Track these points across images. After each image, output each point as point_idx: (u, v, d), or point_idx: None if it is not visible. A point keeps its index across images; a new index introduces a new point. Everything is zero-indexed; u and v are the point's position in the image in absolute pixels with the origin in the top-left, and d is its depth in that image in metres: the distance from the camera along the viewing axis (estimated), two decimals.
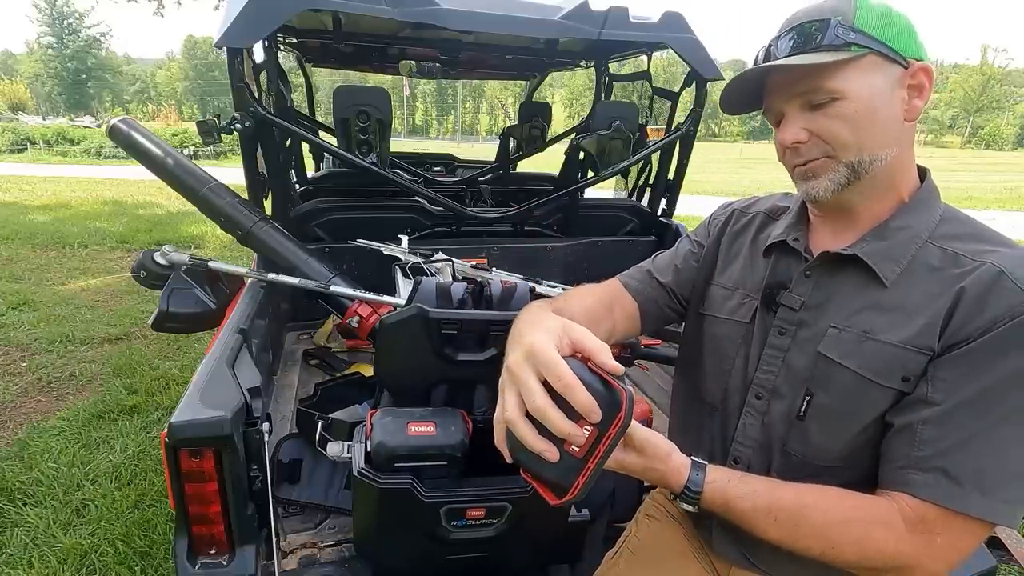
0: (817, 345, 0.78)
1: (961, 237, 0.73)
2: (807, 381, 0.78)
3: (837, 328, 0.77)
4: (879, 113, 0.72)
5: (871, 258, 0.75)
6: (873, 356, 0.73)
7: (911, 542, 0.66)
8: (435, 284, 1.24)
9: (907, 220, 0.76)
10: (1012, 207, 12.25)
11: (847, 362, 0.75)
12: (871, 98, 0.71)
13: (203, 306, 1.69)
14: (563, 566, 1.27)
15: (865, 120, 0.72)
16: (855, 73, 0.71)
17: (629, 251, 2.67)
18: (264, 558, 1.16)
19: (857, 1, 0.71)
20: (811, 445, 0.78)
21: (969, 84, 62.48)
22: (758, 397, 0.84)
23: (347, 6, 1.78)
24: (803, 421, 0.78)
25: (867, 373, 0.73)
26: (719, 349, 0.91)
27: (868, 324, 0.74)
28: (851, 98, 0.71)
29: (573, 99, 64.46)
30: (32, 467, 2.42)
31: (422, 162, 4.14)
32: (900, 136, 0.73)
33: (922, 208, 0.76)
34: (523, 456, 0.69)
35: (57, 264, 5.65)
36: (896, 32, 0.71)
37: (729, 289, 0.92)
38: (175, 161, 1.80)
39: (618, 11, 2.05)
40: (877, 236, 0.76)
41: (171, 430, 1.00)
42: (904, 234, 0.75)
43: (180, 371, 3.35)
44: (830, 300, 0.79)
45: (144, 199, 9.90)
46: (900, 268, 0.74)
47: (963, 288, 0.68)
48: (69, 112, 49.94)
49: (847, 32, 0.70)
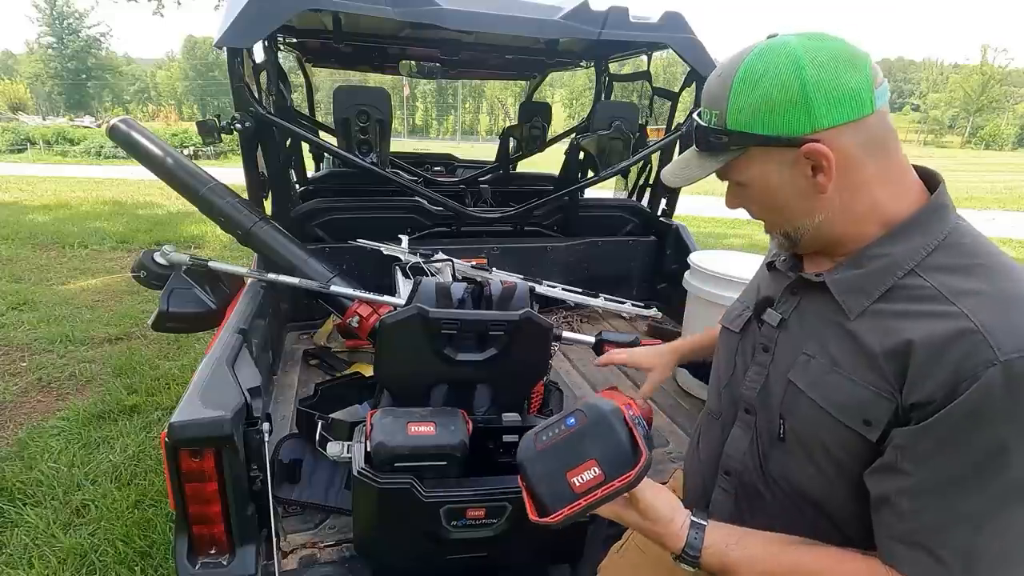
0: (788, 371, 0.76)
1: (951, 269, 0.65)
2: (779, 405, 0.77)
3: (808, 355, 0.74)
4: (780, 194, 0.71)
5: (837, 288, 0.72)
6: (835, 390, 0.69)
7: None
8: (435, 284, 1.24)
9: (891, 247, 0.69)
10: (1012, 207, 12.25)
11: (812, 393, 0.72)
12: (766, 185, 0.72)
13: (203, 306, 1.69)
14: (563, 566, 1.27)
15: (768, 202, 0.74)
16: (744, 165, 0.72)
17: (629, 251, 2.67)
18: (264, 558, 1.16)
19: (731, 92, 0.68)
20: (791, 470, 0.76)
21: (969, 84, 62.43)
22: (747, 412, 0.83)
23: (347, 6, 1.78)
24: (784, 443, 0.76)
25: (829, 408, 0.70)
26: (720, 358, 0.93)
27: (835, 355, 0.71)
28: (749, 185, 0.73)
29: (573, 99, 64.44)
30: (32, 467, 2.42)
31: (422, 162, 4.14)
32: (823, 205, 0.70)
33: (915, 232, 0.68)
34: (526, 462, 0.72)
35: (57, 264, 5.65)
36: (778, 115, 0.66)
37: (740, 301, 0.95)
38: (175, 161, 1.80)
39: (618, 11, 2.05)
40: (853, 264, 0.72)
41: (171, 430, 1.00)
42: (881, 263, 0.69)
43: (180, 371, 3.35)
44: (805, 323, 0.77)
45: (144, 199, 9.90)
46: (869, 301, 0.69)
47: (921, 335, 0.61)
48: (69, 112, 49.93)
49: (719, 137, 0.70)
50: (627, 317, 2.56)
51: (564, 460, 0.69)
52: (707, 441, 0.92)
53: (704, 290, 1.94)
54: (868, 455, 0.67)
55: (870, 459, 0.67)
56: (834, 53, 0.65)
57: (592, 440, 0.70)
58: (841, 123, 0.65)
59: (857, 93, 0.64)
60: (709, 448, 0.91)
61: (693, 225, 3.48)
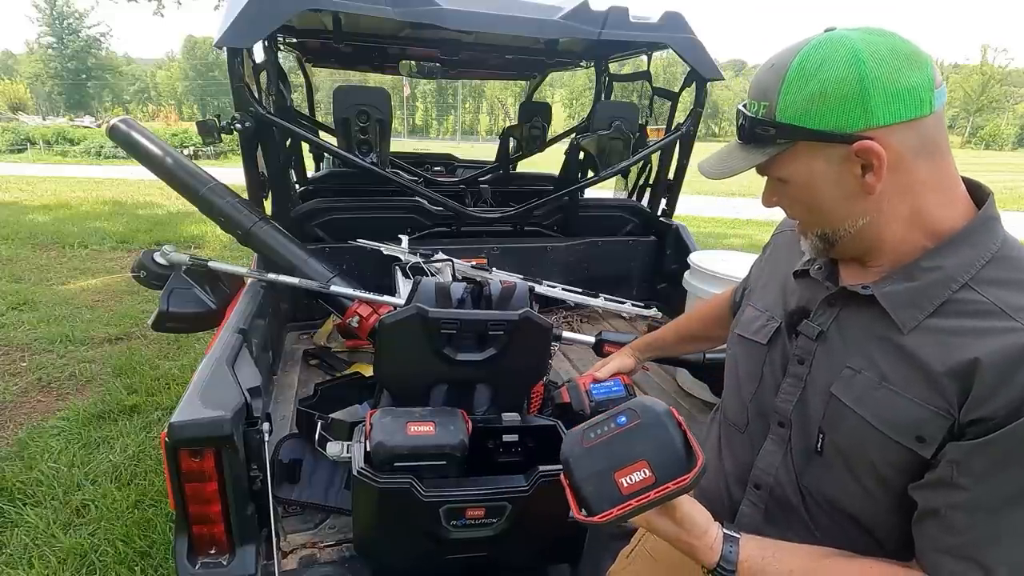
0: (831, 385, 0.73)
1: (1008, 283, 0.63)
2: (819, 420, 0.74)
3: (853, 370, 0.71)
4: (825, 193, 0.68)
5: (889, 302, 0.69)
6: (886, 406, 0.67)
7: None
8: (435, 284, 1.24)
9: (942, 260, 0.67)
10: (1012, 207, 12.25)
11: (860, 409, 0.69)
12: (811, 183, 0.69)
13: (203, 306, 1.69)
14: (563, 566, 1.27)
15: (810, 201, 0.70)
16: (789, 161, 0.69)
17: (629, 251, 2.67)
18: (264, 558, 1.16)
19: (784, 83, 0.65)
20: (829, 484, 0.74)
21: (969, 84, 62.45)
22: (780, 425, 0.81)
23: (347, 6, 1.78)
24: (821, 456, 0.74)
25: (879, 424, 0.67)
26: (741, 370, 0.89)
27: (886, 371, 0.68)
28: (792, 183, 0.70)
29: (573, 99, 64.43)
30: (32, 467, 2.42)
31: (422, 162, 4.14)
32: (868, 207, 0.67)
33: (966, 245, 0.66)
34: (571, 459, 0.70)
35: (57, 264, 5.65)
36: (831, 109, 0.63)
37: (760, 310, 0.90)
38: (175, 161, 1.80)
39: (618, 11, 2.05)
40: (905, 276, 0.69)
41: (171, 430, 1.00)
42: (935, 275, 0.66)
43: (180, 371, 3.35)
44: (848, 336, 0.74)
45: (144, 199, 9.90)
46: (924, 315, 0.66)
47: (989, 355, 0.59)
48: (69, 112, 49.93)
49: (766, 129, 0.67)
50: (627, 317, 2.56)
51: (613, 459, 0.67)
52: (732, 454, 0.89)
53: (704, 290, 1.94)
54: (917, 469, 0.66)
55: (919, 473, 0.66)
56: (895, 49, 0.62)
57: (644, 441, 0.67)
58: (897, 121, 0.62)
59: (916, 91, 0.62)
60: (735, 461, 0.88)
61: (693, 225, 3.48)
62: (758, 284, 0.96)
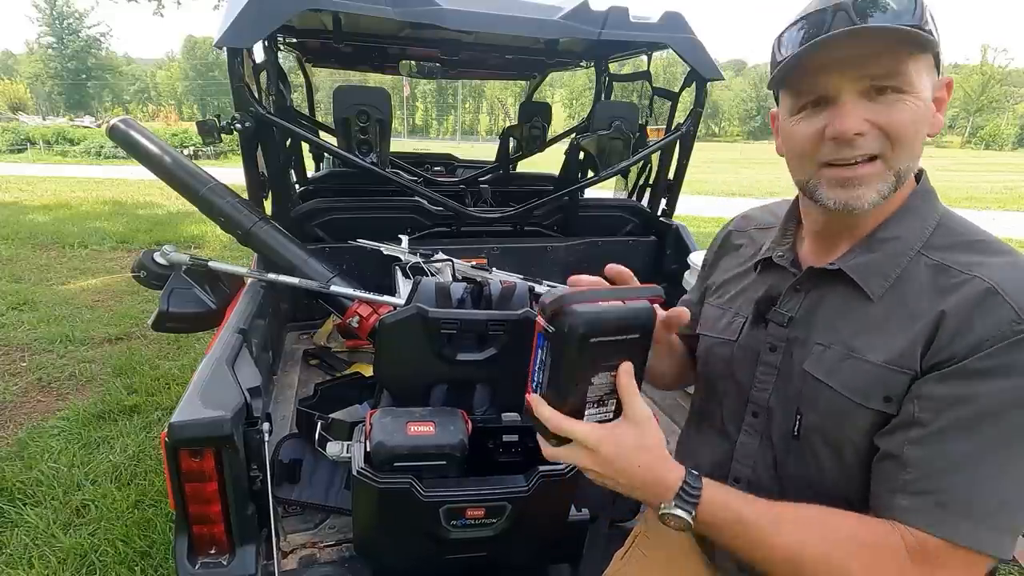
0: (803, 363, 0.74)
1: (954, 247, 0.69)
2: (796, 400, 0.75)
3: (822, 345, 0.73)
4: (927, 119, 0.66)
5: (857, 273, 0.71)
6: (854, 375, 0.69)
7: (915, 572, 0.62)
8: (435, 284, 1.24)
9: (898, 229, 0.71)
10: (1012, 207, 12.25)
11: (831, 381, 0.71)
12: (926, 101, 0.66)
13: (203, 306, 1.69)
14: (563, 566, 1.27)
15: (922, 123, 0.66)
16: (919, 69, 0.64)
17: (629, 251, 2.67)
18: (264, 558, 1.16)
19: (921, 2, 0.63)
20: (807, 467, 0.75)
21: (969, 84, 62.46)
22: (755, 415, 0.81)
23: (347, 6, 1.78)
24: (798, 441, 0.75)
25: (848, 393, 0.69)
26: (712, 369, 0.89)
27: (853, 341, 0.70)
28: (916, 95, 0.64)
29: (573, 99, 64.45)
30: (32, 467, 2.42)
31: (422, 162, 4.13)
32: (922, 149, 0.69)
33: (916, 215, 0.72)
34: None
35: (57, 264, 5.65)
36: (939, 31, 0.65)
37: (722, 308, 0.91)
38: (175, 161, 1.80)
39: (618, 11, 2.05)
40: (866, 248, 0.72)
41: (171, 430, 1.00)
42: (894, 245, 0.71)
43: (180, 371, 3.35)
44: (817, 316, 0.75)
45: (144, 199, 9.90)
46: (888, 283, 0.70)
47: (949, 307, 0.63)
48: (69, 112, 49.93)
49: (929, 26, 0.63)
50: None
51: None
52: (711, 453, 0.89)
53: None
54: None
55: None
56: None
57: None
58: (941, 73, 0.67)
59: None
60: (713, 458, 0.88)
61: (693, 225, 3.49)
62: (714, 284, 0.96)
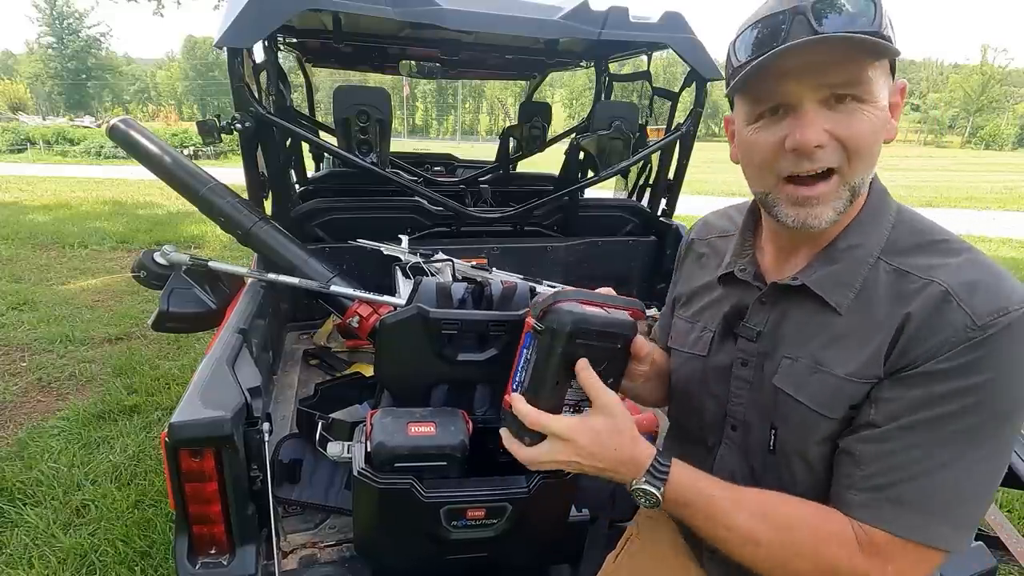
0: (773, 377, 0.74)
1: (910, 250, 0.68)
2: (770, 414, 0.75)
3: (790, 359, 0.73)
4: (884, 127, 0.65)
5: (821, 288, 0.71)
6: (822, 388, 0.69)
7: (865, 565, 0.64)
8: (435, 284, 1.24)
9: (858, 237, 0.70)
10: (1012, 207, 12.24)
11: (800, 395, 0.71)
12: (884, 109, 0.64)
13: (203, 306, 1.69)
14: (563, 566, 1.27)
15: (880, 133, 0.65)
16: (877, 76, 0.63)
17: (629, 251, 2.67)
18: (264, 558, 1.15)
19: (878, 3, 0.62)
20: (782, 479, 0.75)
21: (969, 84, 62.45)
22: (733, 428, 0.81)
23: (347, 6, 1.78)
24: (774, 455, 0.75)
25: (816, 406, 0.69)
26: (686, 384, 0.89)
27: (820, 354, 0.70)
28: (874, 104, 0.63)
29: (573, 99, 64.45)
30: (32, 467, 2.42)
31: (422, 162, 4.13)
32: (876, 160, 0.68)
33: (873, 220, 0.71)
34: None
35: (57, 264, 5.65)
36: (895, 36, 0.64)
37: (690, 322, 0.90)
38: (175, 161, 1.80)
39: (618, 11, 2.05)
40: (827, 260, 0.71)
41: (171, 430, 1.00)
42: (854, 254, 0.70)
43: (180, 371, 3.35)
44: (784, 329, 0.75)
45: (144, 199, 9.90)
46: (853, 293, 0.69)
47: (909, 314, 0.64)
48: (69, 112, 49.93)
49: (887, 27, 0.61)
50: None
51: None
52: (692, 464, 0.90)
53: None
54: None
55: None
56: None
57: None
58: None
59: None
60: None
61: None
62: (682, 296, 0.96)
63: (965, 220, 10.30)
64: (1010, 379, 0.60)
